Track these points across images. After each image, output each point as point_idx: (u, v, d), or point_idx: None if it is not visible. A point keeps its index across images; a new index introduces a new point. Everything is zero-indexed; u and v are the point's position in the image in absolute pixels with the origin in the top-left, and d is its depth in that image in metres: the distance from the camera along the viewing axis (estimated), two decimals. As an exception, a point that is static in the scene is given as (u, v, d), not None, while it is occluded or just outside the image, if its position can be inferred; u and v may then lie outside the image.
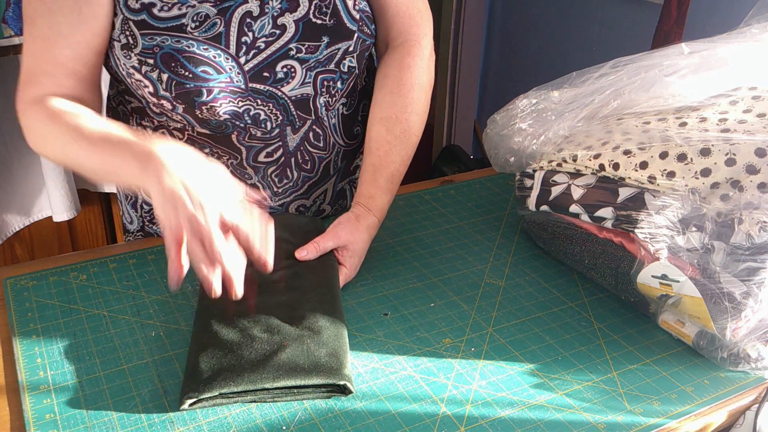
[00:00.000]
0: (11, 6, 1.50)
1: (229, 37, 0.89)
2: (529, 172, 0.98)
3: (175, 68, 0.87)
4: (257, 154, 0.99)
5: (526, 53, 2.61)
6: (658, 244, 0.80)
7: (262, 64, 0.91)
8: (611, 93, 0.91)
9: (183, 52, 0.87)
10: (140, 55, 0.88)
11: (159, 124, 0.97)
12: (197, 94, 0.89)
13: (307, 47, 0.92)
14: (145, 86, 0.90)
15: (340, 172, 1.09)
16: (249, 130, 0.95)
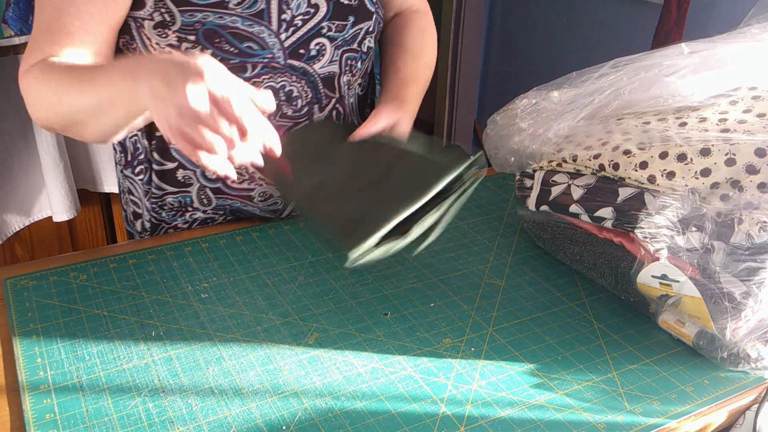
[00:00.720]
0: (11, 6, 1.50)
1: (271, 13, 0.91)
2: (529, 172, 0.98)
3: (219, 44, 0.89)
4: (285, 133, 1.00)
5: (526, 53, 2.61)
6: (658, 244, 0.80)
7: (300, 41, 0.94)
8: (611, 93, 0.91)
9: (227, 27, 0.88)
10: (180, 32, 0.88)
11: None
12: (241, 70, 0.91)
13: (336, 26, 0.96)
14: None
15: None
16: (281, 107, 0.97)
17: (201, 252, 1.00)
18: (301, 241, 1.03)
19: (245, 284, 0.93)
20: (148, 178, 1.06)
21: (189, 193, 1.05)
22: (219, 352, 0.81)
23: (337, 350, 0.82)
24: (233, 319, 0.87)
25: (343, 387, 0.77)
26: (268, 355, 0.81)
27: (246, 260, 0.98)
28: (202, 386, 0.76)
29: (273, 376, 0.78)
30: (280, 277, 0.95)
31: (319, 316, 0.88)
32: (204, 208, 1.07)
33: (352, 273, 0.96)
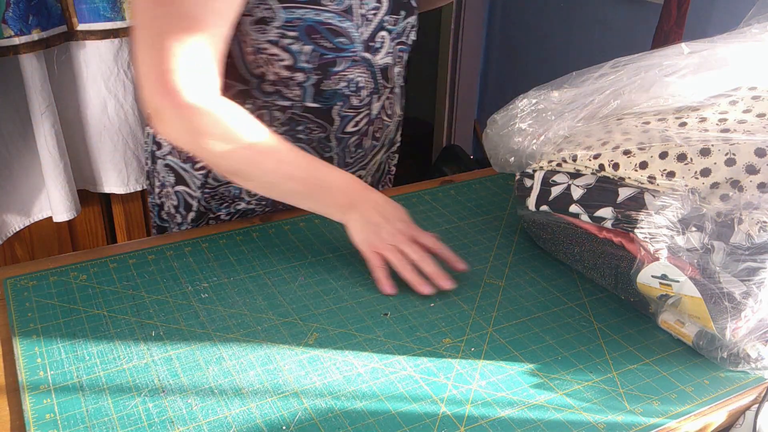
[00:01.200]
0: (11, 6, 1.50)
1: (354, 9, 0.96)
2: (529, 172, 0.98)
3: (317, 40, 0.93)
4: (347, 125, 1.06)
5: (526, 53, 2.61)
6: (658, 244, 0.80)
7: (371, 34, 0.99)
8: (611, 93, 0.91)
9: (324, 23, 0.92)
10: (281, 29, 0.91)
11: (263, 105, 0.99)
12: (333, 64, 0.96)
13: (393, 20, 1.02)
14: (280, 60, 0.93)
15: (390, 143, 1.18)
16: (350, 99, 1.02)
17: (201, 252, 1.00)
18: (301, 241, 1.03)
19: (245, 284, 0.93)
20: (207, 171, 1.07)
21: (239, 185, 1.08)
22: (219, 352, 0.81)
23: (337, 350, 0.82)
24: (233, 319, 0.87)
25: (343, 387, 0.77)
26: (268, 355, 0.81)
27: (246, 260, 0.98)
28: (202, 386, 0.76)
29: (273, 376, 0.78)
30: (280, 277, 0.95)
31: (319, 316, 0.88)
32: (249, 199, 1.09)
33: (352, 273, 0.96)
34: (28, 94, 1.61)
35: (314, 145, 1.05)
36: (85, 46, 1.68)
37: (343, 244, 1.03)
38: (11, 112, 1.66)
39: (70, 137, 1.76)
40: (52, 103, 1.64)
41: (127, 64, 1.72)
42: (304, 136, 1.04)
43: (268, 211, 1.12)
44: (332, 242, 1.03)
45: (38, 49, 1.57)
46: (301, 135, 1.03)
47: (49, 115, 1.64)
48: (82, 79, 1.72)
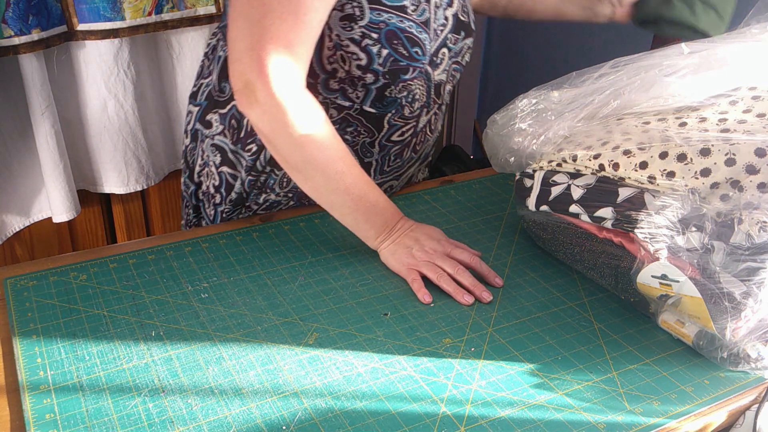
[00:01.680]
0: (11, 6, 1.50)
1: (430, 22, 0.98)
2: (528, 172, 0.98)
3: (396, 46, 0.94)
4: (393, 134, 1.07)
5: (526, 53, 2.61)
6: (658, 244, 0.80)
7: (436, 49, 1.01)
8: (611, 93, 0.91)
9: (405, 31, 0.94)
10: (365, 28, 0.92)
11: (323, 101, 1.00)
12: (404, 72, 0.97)
13: (454, 39, 1.04)
14: (357, 59, 0.94)
15: (425, 157, 1.20)
16: (404, 109, 1.03)
17: (201, 252, 1.00)
18: (301, 241, 1.03)
19: (245, 284, 0.93)
20: (256, 156, 1.07)
21: (277, 175, 1.08)
22: (219, 352, 0.81)
23: (337, 350, 0.82)
24: (233, 319, 0.87)
25: (343, 387, 0.77)
26: (268, 355, 0.81)
27: (246, 260, 0.98)
28: (202, 386, 0.76)
29: (273, 376, 0.78)
30: (280, 277, 0.95)
31: (319, 316, 0.88)
32: (279, 191, 1.10)
33: (352, 273, 0.96)
34: (28, 94, 1.61)
35: (357, 148, 1.06)
36: (85, 46, 1.68)
37: (343, 244, 1.03)
38: (11, 112, 1.66)
39: (70, 137, 1.76)
40: (52, 103, 1.64)
41: (127, 64, 1.72)
42: (350, 138, 1.05)
43: (292, 205, 1.13)
44: (332, 242, 1.03)
45: (38, 49, 1.57)
46: (347, 137, 1.04)
47: (49, 115, 1.64)
48: (82, 79, 1.72)
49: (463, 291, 0.92)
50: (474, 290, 0.92)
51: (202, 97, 1.12)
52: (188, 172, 1.18)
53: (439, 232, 0.99)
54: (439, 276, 0.93)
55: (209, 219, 1.17)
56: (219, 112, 1.08)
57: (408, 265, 0.95)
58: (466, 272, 0.93)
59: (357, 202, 0.94)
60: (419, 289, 0.92)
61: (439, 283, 0.92)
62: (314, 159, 0.91)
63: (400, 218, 0.98)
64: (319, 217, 1.09)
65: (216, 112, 1.09)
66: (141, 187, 1.88)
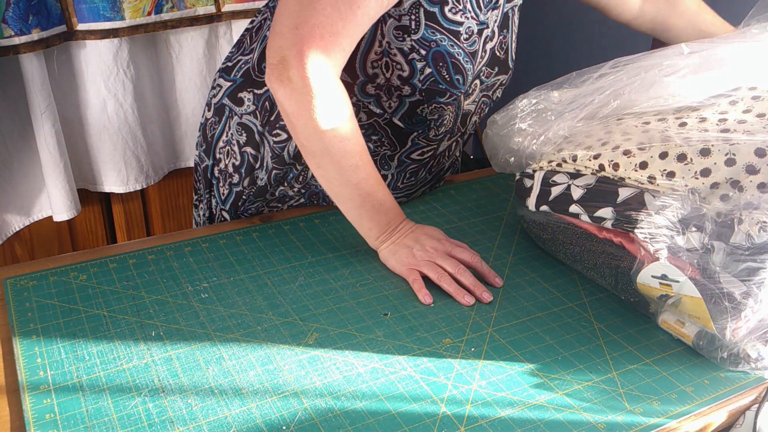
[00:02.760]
0: (11, 6, 1.50)
1: (477, 55, 0.98)
2: (528, 173, 0.98)
3: (440, 68, 0.94)
4: (414, 152, 1.08)
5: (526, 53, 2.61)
6: (658, 244, 0.80)
7: (471, 79, 1.01)
8: (611, 93, 0.91)
9: (453, 57, 0.94)
10: (416, 43, 0.93)
11: (355, 103, 1.00)
12: (441, 95, 0.97)
13: (486, 72, 1.04)
14: (400, 69, 0.94)
15: (438, 179, 1.19)
16: (430, 131, 1.04)
17: (201, 252, 1.00)
18: (301, 241, 1.03)
19: (245, 284, 0.93)
20: (284, 146, 1.06)
21: (298, 170, 1.08)
22: (219, 352, 0.81)
23: (337, 350, 0.82)
24: (233, 319, 0.87)
25: (343, 387, 0.77)
26: (268, 355, 0.81)
27: (246, 260, 0.98)
28: (202, 386, 0.76)
29: (273, 376, 0.78)
30: (280, 277, 0.95)
31: (319, 316, 0.88)
32: (296, 185, 1.10)
33: (352, 273, 0.96)
34: (28, 94, 1.61)
35: (377, 158, 1.07)
36: (85, 45, 1.68)
37: (343, 244, 1.03)
38: (11, 112, 1.66)
39: (70, 137, 1.76)
40: (52, 102, 1.64)
41: (126, 63, 1.72)
42: (372, 146, 1.05)
43: (302, 202, 1.13)
44: (332, 242, 1.03)
45: (38, 48, 1.57)
46: (370, 144, 1.04)
47: (49, 114, 1.64)
48: (82, 79, 1.72)
49: (464, 291, 0.91)
50: (474, 290, 0.92)
51: (238, 74, 1.09)
52: (204, 146, 1.16)
53: (439, 232, 0.99)
54: (440, 276, 0.93)
55: (220, 199, 1.15)
56: (254, 92, 1.06)
57: (409, 265, 0.95)
58: (467, 272, 0.93)
59: (365, 198, 0.94)
60: (420, 290, 0.92)
61: (440, 283, 0.92)
62: (332, 148, 0.90)
63: (402, 220, 0.98)
64: (319, 217, 1.09)
65: (251, 91, 1.07)
66: (140, 186, 1.88)
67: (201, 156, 1.18)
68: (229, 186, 1.13)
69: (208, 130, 1.15)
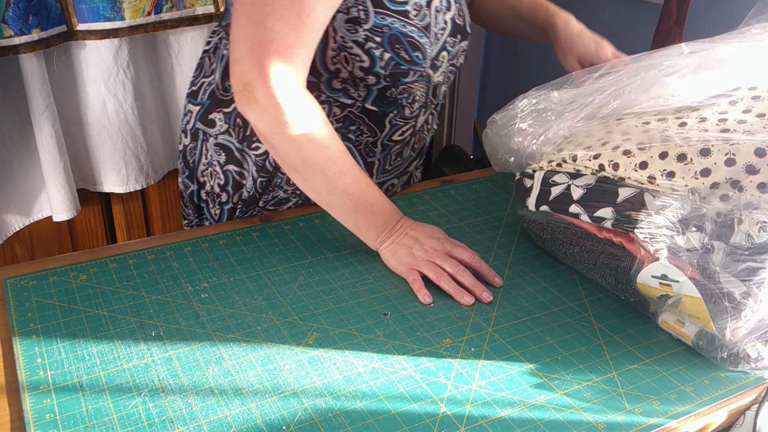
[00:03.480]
0: (11, 6, 1.50)
1: (431, 27, 1.00)
2: (528, 173, 0.98)
3: (398, 50, 0.95)
4: (394, 133, 1.09)
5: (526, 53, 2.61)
6: (658, 244, 0.80)
7: (437, 52, 1.02)
8: (611, 93, 0.91)
9: (407, 36, 0.96)
10: (369, 32, 0.94)
11: (326, 99, 1.02)
12: (405, 75, 0.99)
13: (451, 41, 1.05)
14: (359, 61, 0.95)
15: (422, 154, 1.21)
16: (405, 109, 1.05)
17: (201, 252, 1.00)
18: (301, 241, 1.03)
19: (245, 284, 0.93)
20: (265, 157, 1.07)
21: (284, 174, 1.09)
22: (219, 352, 0.81)
23: (337, 350, 0.82)
24: (233, 319, 0.87)
25: (343, 387, 0.77)
26: (268, 355, 0.81)
27: (246, 260, 0.98)
28: (202, 386, 0.76)
29: (273, 376, 0.78)
30: (280, 277, 0.95)
31: (319, 316, 0.88)
32: (286, 188, 1.11)
33: (352, 273, 0.96)
34: (28, 94, 1.61)
35: (360, 148, 1.08)
36: (85, 46, 1.68)
37: (343, 244, 1.03)
38: (11, 112, 1.66)
39: (69, 137, 1.76)
40: (51, 103, 1.64)
41: (126, 63, 1.72)
42: (353, 137, 1.06)
43: (300, 203, 1.13)
44: (332, 242, 1.03)
45: (38, 48, 1.57)
46: (351, 135, 1.05)
47: (49, 115, 1.64)
48: (82, 79, 1.72)
49: (463, 291, 0.92)
50: (474, 290, 0.92)
51: (204, 96, 1.11)
52: (187, 172, 1.18)
53: (439, 231, 0.99)
54: (440, 276, 0.93)
55: (214, 219, 1.17)
56: (223, 111, 1.08)
57: (408, 265, 0.95)
58: (467, 272, 0.93)
59: (356, 202, 0.95)
60: (419, 290, 0.92)
61: (440, 283, 0.92)
62: (312, 160, 0.91)
63: (400, 218, 0.98)
64: (319, 217, 1.09)
65: (220, 111, 1.09)
66: (140, 186, 1.88)
67: (185, 182, 1.19)
68: (219, 205, 1.14)
69: (188, 156, 1.16)
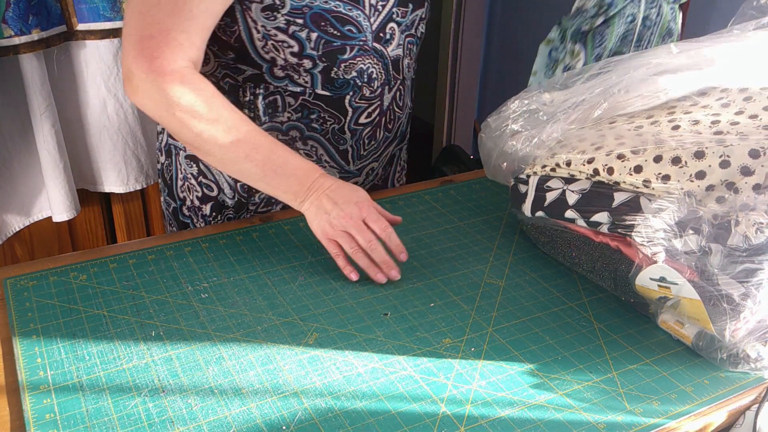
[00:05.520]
0: (11, 6, 1.50)
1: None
2: (523, 178, 0.98)
3: (324, 27, 0.94)
4: (359, 116, 1.07)
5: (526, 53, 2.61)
6: (655, 247, 0.80)
7: (380, 25, 1.00)
8: (601, 93, 0.92)
9: (331, 11, 0.94)
10: (288, 15, 0.93)
11: (275, 90, 1.01)
12: (341, 52, 0.97)
13: (401, 12, 1.04)
14: (288, 47, 0.95)
15: (402, 136, 1.19)
16: (362, 89, 1.03)
17: (201, 252, 1.00)
18: (301, 241, 1.03)
19: (245, 284, 0.93)
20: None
21: None
22: (219, 352, 0.81)
23: (337, 350, 0.82)
24: (233, 319, 0.87)
25: (343, 387, 0.77)
26: (268, 355, 0.81)
27: (246, 260, 0.98)
28: (202, 386, 0.76)
29: (273, 376, 0.78)
30: (280, 277, 0.95)
31: (319, 316, 0.88)
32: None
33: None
34: (28, 94, 1.61)
35: (329, 136, 1.07)
36: (85, 45, 1.68)
37: (343, 244, 1.03)
38: (11, 112, 1.66)
39: (69, 137, 1.76)
40: (52, 103, 1.64)
41: (127, 63, 1.72)
42: (318, 126, 1.05)
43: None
44: (332, 242, 1.03)
45: (38, 48, 1.57)
46: (315, 125, 1.05)
47: (49, 115, 1.64)
48: (82, 79, 1.72)
49: (376, 269, 0.92)
50: (382, 267, 0.92)
51: None
52: (167, 190, 1.18)
53: (358, 193, 0.95)
54: (355, 251, 0.92)
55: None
56: None
57: (326, 235, 0.94)
58: (379, 246, 0.93)
59: (262, 168, 0.93)
60: (344, 266, 0.93)
61: (355, 258, 0.92)
62: (204, 135, 0.91)
63: (317, 176, 0.95)
64: (319, 217, 1.09)
65: None
66: (140, 186, 1.88)
67: (167, 200, 1.20)
68: (202, 218, 1.14)
69: (165, 174, 1.17)
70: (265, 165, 0.93)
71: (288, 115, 1.04)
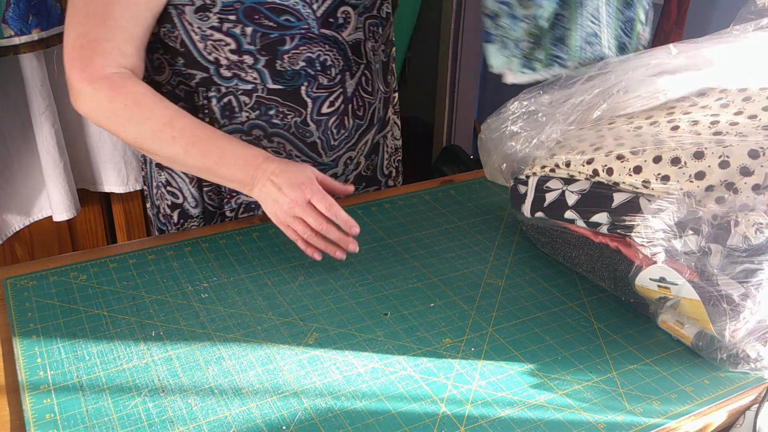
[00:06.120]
0: (11, 6, 1.50)
1: None
2: (522, 179, 0.98)
3: (258, 20, 0.93)
4: (321, 106, 1.05)
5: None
6: (655, 248, 0.80)
7: (328, 10, 0.97)
8: (599, 94, 0.92)
9: (265, 3, 0.93)
10: (221, 14, 0.92)
11: (227, 91, 1.01)
12: (281, 43, 0.95)
13: None
14: (225, 45, 0.94)
15: (380, 122, 1.16)
16: (318, 78, 1.01)
17: (201, 252, 1.00)
18: (301, 241, 1.03)
19: (245, 284, 0.93)
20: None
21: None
22: (219, 352, 0.81)
23: (337, 350, 0.82)
24: (233, 319, 0.87)
25: (343, 387, 0.77)
26: (268, 355, 0.81)
27: (246, 260, 0.98)
28: (202, 386, 0.76)
29: (273, 376, 0.78)
30: (280, 277, 0.95)
31: (319, 316, 0.88)
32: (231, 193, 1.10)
33: (352, 273, 0.97)
34: (28, 94, 1.61)
35: (293, 131, 1.05)
36: (85, 46, 1.67)
37: (343, 244, 1.03)
38: (11, 112, 1.66)
39: (69, 137, 1.76)
40: (52, 103, 1.64)
41: (127, 63, 1.72)
42: (279, 121, 1.03)
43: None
44: (332, 242, 1.03)
45: (38, 48, 1.57)
46: (275, 120, 1.03)
47: (49, 115, 1.64)
48: (82, 79, 1.72)
49: (334, 247, 0.93)
50: (341, 243, 0.92)
51: None
52: (150, 199, 1.19)
53: (300, 174, 0.93)
54: (309, 236, 0.92)
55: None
56: None
57: (280, 222, 0.93)
58: (331, 227, 0.92)
59: (203, 160, 0.93)
60: (305, 249, 0.93)
61: (312, 242, 0.93)
62: (141, 134, 0.92)
63: (260, 162, 0.93)
64: (319, 217, 1.09)
65: None
66: (140, 186, 1.88)
67: (151, 209, 1.20)
68: (174, 226, 1.14)
69: (146, 183, 1.18)
70: (204, 157, 0.93)
71: (246, 114, 1.02)
